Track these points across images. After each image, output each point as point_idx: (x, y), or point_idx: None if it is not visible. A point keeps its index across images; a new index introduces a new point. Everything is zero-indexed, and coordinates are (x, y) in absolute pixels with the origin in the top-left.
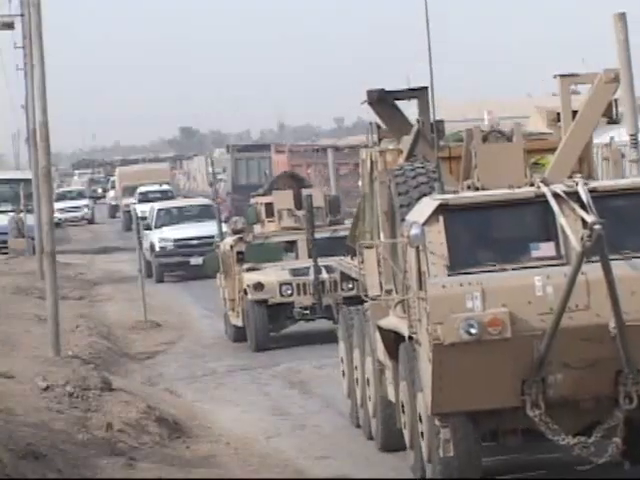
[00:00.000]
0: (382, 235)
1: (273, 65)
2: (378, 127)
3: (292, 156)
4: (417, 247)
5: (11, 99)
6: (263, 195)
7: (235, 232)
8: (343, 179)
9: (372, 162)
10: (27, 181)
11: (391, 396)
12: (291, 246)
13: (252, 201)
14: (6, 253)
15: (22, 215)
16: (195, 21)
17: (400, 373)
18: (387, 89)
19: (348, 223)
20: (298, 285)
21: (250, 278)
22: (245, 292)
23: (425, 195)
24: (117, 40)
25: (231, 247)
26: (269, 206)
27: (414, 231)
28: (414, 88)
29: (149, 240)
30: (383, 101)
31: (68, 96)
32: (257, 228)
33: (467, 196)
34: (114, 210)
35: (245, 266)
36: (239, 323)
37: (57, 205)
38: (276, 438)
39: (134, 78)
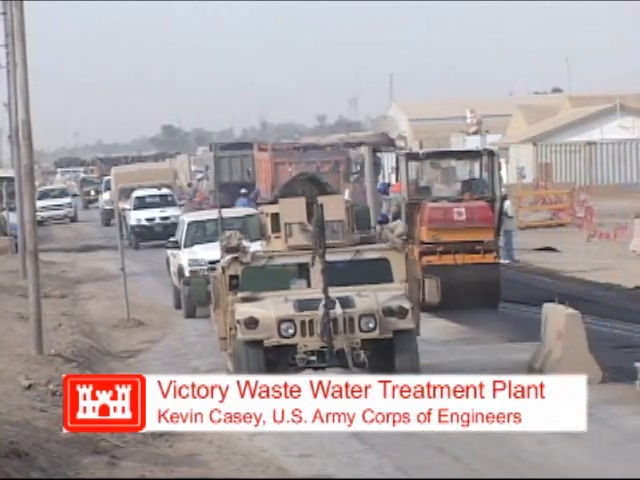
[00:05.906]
0: None
1: (256, 63)
2: None
3: (275, 154)
4: None
5: None
6: (271, 203)
7: (228, 250)
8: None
9: None
10: (9, 179)
11: None
12: (302, 270)
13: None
14: None
15: (4, 213)
16: (178, 21)
17: None
18: None
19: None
20: (303, 323)
21: (242, 311)
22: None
23: None
24: (101, 38)
25: (223, 270)
26: (276, 218)
27: None
28: None
29: (177, 263)
30: None
31: (51, 94)
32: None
33: None
34: (108, 216)
35: (240, 295)
36: (232, 369)
37: (39, 203)
38: (259, 436)
39: (116, 76)
